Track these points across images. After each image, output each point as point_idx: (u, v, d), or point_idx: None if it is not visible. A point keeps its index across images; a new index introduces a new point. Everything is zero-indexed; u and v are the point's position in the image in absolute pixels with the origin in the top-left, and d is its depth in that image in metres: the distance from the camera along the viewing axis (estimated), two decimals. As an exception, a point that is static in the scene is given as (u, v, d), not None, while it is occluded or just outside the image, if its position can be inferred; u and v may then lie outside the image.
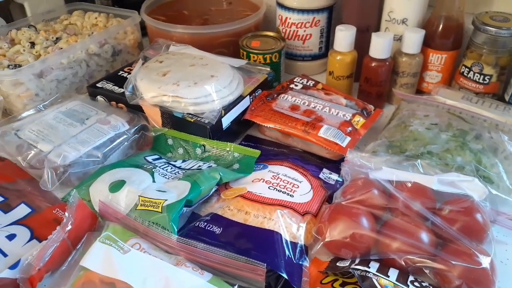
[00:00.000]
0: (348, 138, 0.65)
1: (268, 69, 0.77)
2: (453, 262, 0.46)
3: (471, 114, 0.67)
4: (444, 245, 0.49)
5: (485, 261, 0.46)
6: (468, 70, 0.73)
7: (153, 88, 0.66)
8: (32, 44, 0.81)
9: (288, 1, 0.83)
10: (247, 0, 0.98)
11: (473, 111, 0.67)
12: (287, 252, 0.50)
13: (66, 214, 0.51)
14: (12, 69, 0.73)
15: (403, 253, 0.48)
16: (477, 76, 0.73)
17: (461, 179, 0.53)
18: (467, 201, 0.52)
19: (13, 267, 0.48)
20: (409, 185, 0.54)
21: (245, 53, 0.80)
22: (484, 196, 0.53)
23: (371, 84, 0.76)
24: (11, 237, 0.53)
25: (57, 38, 0.84)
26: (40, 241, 0.53)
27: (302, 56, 0.90)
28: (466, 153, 0.59)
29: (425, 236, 0.49)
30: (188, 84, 0.66)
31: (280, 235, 0.51)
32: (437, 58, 0.75)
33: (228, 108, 0.68)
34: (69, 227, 0.50)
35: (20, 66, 0.74)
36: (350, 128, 0.67)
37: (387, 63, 0.74)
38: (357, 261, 0.48)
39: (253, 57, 0.80)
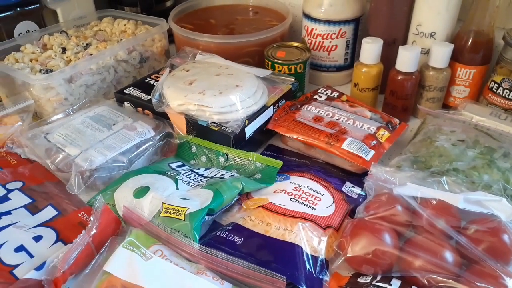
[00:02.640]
0: (372, 152, 0.65)
1: (292, 79, 0.77)
2: (478, 284, 0.45)
3: (499, 131, 0.65)
4: (468, 265, 0.48)
5: (511, 284, 0.45)
6: (497, 86, 0.72)
7: (180, 97, 0.67)
8: (63, 50, 0.84)
9: (314, 12, 0.84)
10: (274, 10, 0.99)
11: (502, 128, 0.66)
12: (307, 266, 0.50)
13: (92, 218, 0.53)
14: (44, 74, 0.75)
15: (426, 272, 0.47)
16: (506, 92, 0.71)
17: (488, 199, 0.52)
18: (494, 221, 0.51)
19: (38, 268, 0.49)
20: (434, 202, 0.53)
21: (270, 63, 0.81)
22: (512, 217, 0.51)
23: (396, 97, 0.76)
24: (37, 238, 0.54)
25: (87, 44, 0.86)
26: (65, 243, 0.54)
27: (327, 67, 0.90)
28: (494, 171, 0.58)
29: (449, 255, 0.48)
30: (213, 93, 0.67)
31: (301, 248, 0.51)
32: (465, 73, 0.74)
33: (251, 117, 0.68)
34: (94, 231, 0.51)
35: (51, 71, 0.76)
36: (374, 142, 0.66)
37: (414, 76, 0.73)
38: (378, 277, 0.48)
39: (278, 67, 0.80)
